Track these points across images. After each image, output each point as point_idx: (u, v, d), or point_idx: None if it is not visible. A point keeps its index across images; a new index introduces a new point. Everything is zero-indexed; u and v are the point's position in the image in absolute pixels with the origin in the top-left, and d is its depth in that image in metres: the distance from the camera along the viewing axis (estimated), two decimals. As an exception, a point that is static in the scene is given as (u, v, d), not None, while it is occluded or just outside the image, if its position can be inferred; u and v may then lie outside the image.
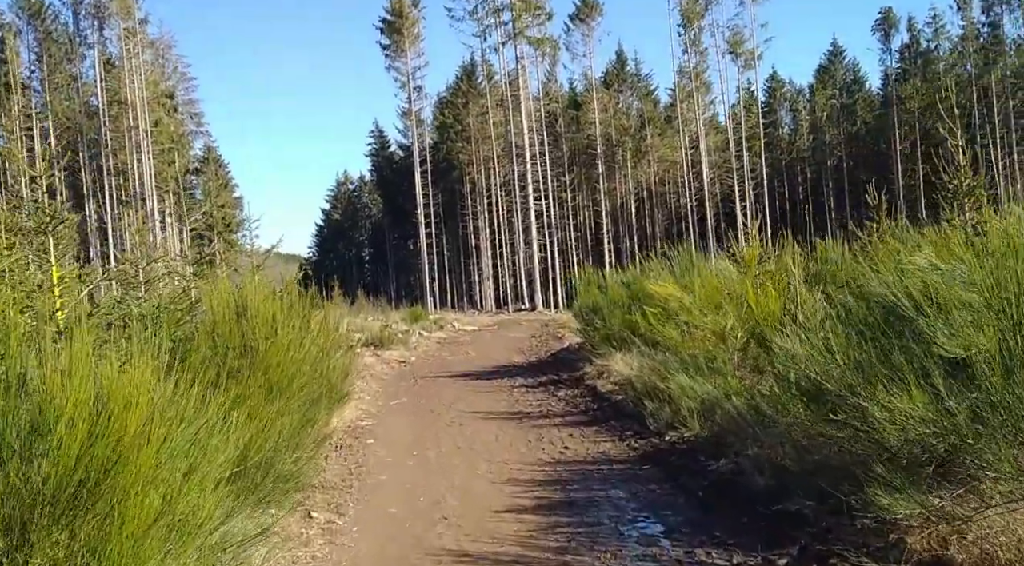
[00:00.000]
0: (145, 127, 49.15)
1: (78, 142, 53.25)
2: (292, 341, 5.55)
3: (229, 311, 5.33)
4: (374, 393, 10.81)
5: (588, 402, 8.93)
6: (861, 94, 67.52)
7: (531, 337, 21.36)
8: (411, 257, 70.05)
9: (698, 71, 55.01)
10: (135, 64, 48.46)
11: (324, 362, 6.04)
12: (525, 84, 51.00)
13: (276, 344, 5.23)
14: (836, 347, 4.11)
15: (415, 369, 13.78)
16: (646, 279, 11.47)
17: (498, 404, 9.41)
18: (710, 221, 54.57)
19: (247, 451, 3.89)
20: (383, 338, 15.86)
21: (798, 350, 4.80)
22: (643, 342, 9.61)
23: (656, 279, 11.47)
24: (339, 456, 6.68)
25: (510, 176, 53.82)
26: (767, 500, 4.61)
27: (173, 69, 59.26)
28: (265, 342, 5.21)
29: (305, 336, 6.01)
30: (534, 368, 13.13)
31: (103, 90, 50.14)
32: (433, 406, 9.50)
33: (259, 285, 5.92)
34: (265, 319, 5.48)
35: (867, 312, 4.18)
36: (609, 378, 9.70)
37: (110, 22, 48.84)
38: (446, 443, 7.07)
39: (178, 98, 59.42)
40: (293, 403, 4.99)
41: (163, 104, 52.80)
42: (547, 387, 10.56)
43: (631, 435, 6.88)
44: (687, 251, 12.01)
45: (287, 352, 5.23)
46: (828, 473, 4.48)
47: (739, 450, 5.56)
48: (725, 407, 6.38)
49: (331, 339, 7.22)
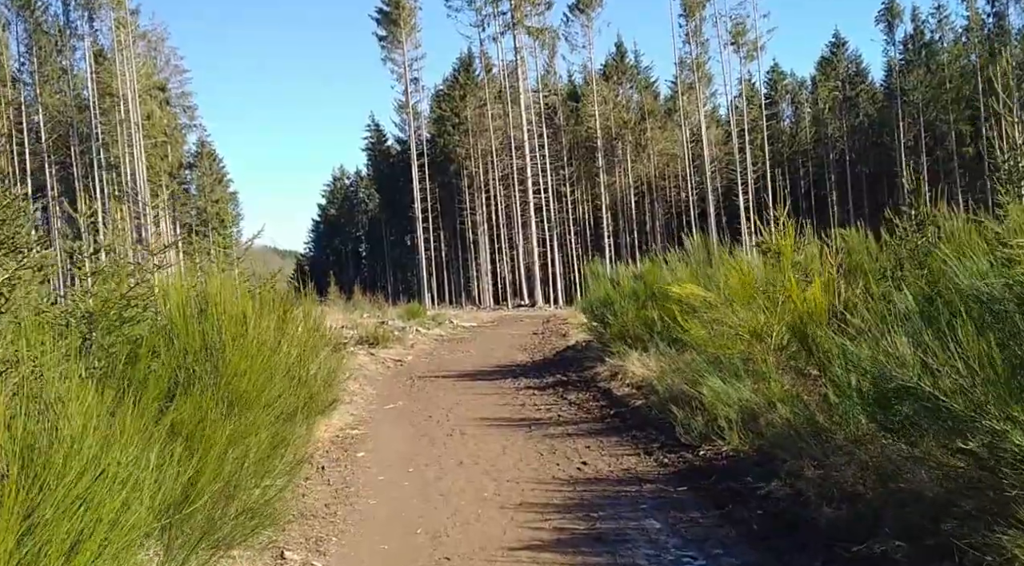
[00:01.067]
0: (136, 120, 48.18)
1: (69, 136, 52.31)
2: (264, 344, 4.69)
3: (189, 308, 4.46)
4: (367, 396, 9.95)
5: (603, 407, 8.07)
6: (864, 86, 66.72)
7: (533, 334, 20.51)
8: (408, 253, 69.20)
9: (699, 62, 54.13)
10: (126, 56, 47.47)
11: (303, 368, 5.18)
12: (524, 75, 50.11)
13: (243, 348, 4.37)
14: (937, 350, 3.26)
15: (412, 369, 12.93)
16: (660, 271, 10.64)
17: (503, 409, 8.56)
18: (711, 215, 53.73)
19: (192, 486, 3.04)
20: (378, 336, 15.00)
21: (869, 352, 3.97)
22: (661, 340, 8.77)
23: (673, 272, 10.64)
24: (323, 475, 5.81)
25: (508, 170, 52.94)
26: (842, 536, 3.76)
27: (166, 62, 58.29)
28: (230, 345, 4.35)
29: (282, 338, 5.15)
30: (540, 368, 12.28)
31: (93, 81, 49.15)
32: (432, 411, 8.64)
33: (230, 279, 5.06)
34: (233, 318, 4.61)
35: (980, 309, 3.32)
36: (624, 380, 8.85)
37: (100, 13, 47.85)
38: (447, 457, 6.21)
39: (171, 91, 58.42)
40: (263, 419, 4.13)
41: (155, 97, 51.83)
42: (556, 389, 9.71)
43: (658, 448, 6.02)
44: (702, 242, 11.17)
45: (256, 357, 4.37)
46: (921, 504, 3.64)
47: (793, 470, 4.72)
48: (770, 417, 5.54)
49: (313, 340, 6.35)
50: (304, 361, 5.28)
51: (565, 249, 58.04)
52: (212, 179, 69.87)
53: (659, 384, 7.41)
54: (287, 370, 5.00)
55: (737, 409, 5.69)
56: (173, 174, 57.20)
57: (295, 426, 4.73)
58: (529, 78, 51.83)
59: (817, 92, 65.14)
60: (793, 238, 7.41)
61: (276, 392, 4.42)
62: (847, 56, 66.15)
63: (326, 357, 6.80)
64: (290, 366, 5.21)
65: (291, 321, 5.85)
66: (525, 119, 49.15)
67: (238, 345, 4.43)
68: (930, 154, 58.58)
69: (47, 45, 51.76)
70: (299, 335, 5.88)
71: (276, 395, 4.42)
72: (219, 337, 4.34)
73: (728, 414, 5.65)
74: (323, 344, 6.98)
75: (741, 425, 5.60)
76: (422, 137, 57.33)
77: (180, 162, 60.54)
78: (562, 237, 57.12)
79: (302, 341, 5.91)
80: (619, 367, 9.13)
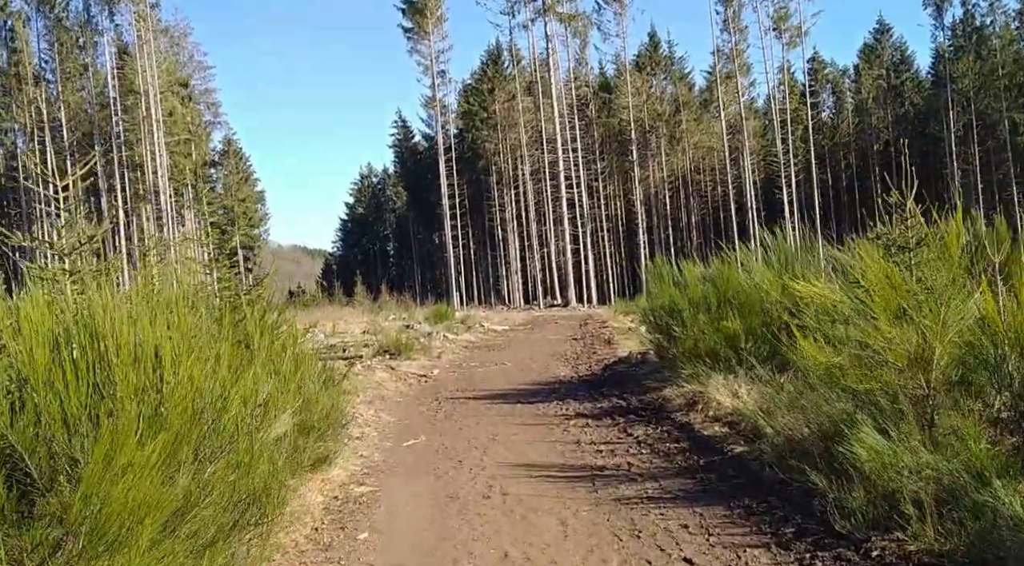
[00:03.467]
0: (158, 116, 46.98)
1: (92, 134, 51.39)
2: (195, 397, 2.88)
3: (52, 348, 2.66)
4: (383, 427, 8.14)
5: (687, 453, 6.16)
6: (909, 74, 63.93)
7: (572, 339, 18.62)
8: (436, 251, 67.54)
9: (738, 50, 51.71)
10: (147, 51, 46.28)
11: (261, 435, 3.35)
12: (555, 65, 48.13)
13: (148, 414, 2.55)
14: None
15: (438, 387, 11.11)
16: (735, 273, 8.72)
17: (553, 449, 6.70)
18: (750, 211, 51.33)
19: None
20: (400, 345, 13.19)
21: None
22: (758, 360, 6.86)
23: (750, 274, 8.73)
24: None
25: (538, 165, 50.98)
26: None
27: (189, 57, 57.27)
28: (124, 410, 2.54)
29: (233, 386, 3.32)
30: (588, 385, 10.40)
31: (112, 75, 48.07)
32: (461, 451, 6.81)
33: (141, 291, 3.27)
34: (141, 358, 2.81)
35: None
36: (707, 411, 6.94)
37: (120, 6, 46.69)
38: (483, 546, 4.34)
39: (194, 87, 57.31)
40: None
41: (177, 93, 50.62)
42: (614, 419, 7.82)
43: (795, 536, 4.07)
44: (783, 237, 9.25)
45: (172, 429, 2.54)
46: None
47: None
48: (980, 499, 3.61)
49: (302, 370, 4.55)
50: (267, 421, 3.44)
51: (598, 246, 56.01)
52: (238, 177, 68.87)
53: (767, 425, 5.49)
54: (235, 434, 3.17)
55: (926, 484, 3.77)
56: (197, 172, 56.05)
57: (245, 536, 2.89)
58: (560, 69, 49.85)
59: (860, 81, 62.47)
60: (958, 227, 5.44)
61: (204, 494, 2.58)
62: (892, 43, 63.37)
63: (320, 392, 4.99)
64: (249, 424, 3.39)
65: (262, 347, 4.04)
66: (557, 111, 47.21)
67: (140, 407, 2.61)
68: (981, 144, 55.72)
69: (68, 41, 50.81)
70: (276, 364, 4.07)
71: (202, 497, 2.59)
72: (99, 397, 2.52)
73: (915, 491, 3.73)
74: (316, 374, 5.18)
75: (935, 509, 3.69)
76: (449, 132, 55.60)
77: (205, 160, 59.40)
78: (594, 234, 55.05)
79: (282, 373, 4.10)
80: (697, 394, 7.22)
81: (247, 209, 70.24)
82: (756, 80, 71.01)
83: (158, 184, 47.30)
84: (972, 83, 55.20)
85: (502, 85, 56.62)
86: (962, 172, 56.27)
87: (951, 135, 55.43)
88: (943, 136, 56.54)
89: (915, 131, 62.15)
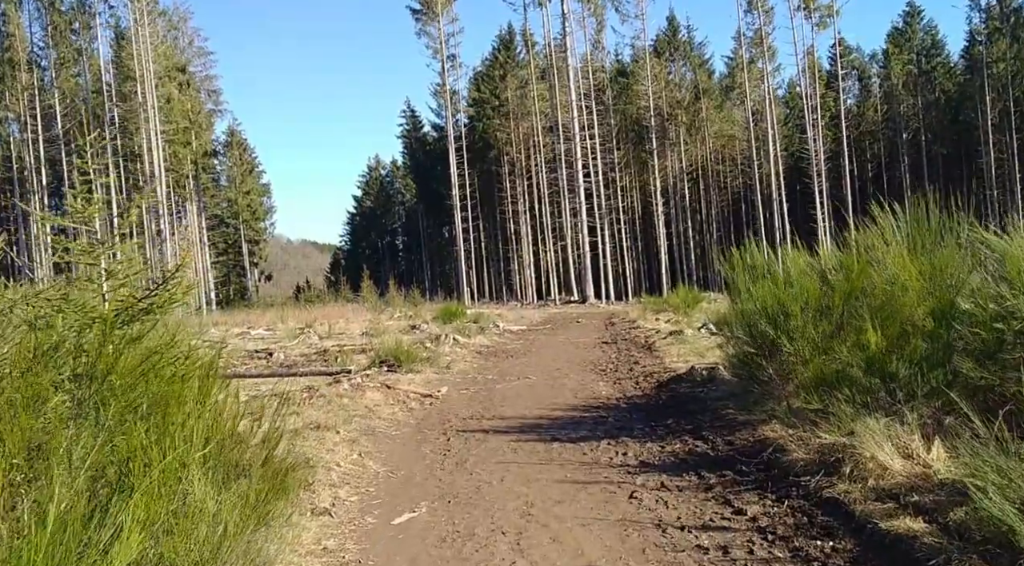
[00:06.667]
0: (153, 102, 44.68)
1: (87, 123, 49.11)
2: None
3: None
4: (366, 484, 5.71)
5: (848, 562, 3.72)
6: (940, 59, 61.02)
7: (602, 343, 16.16)
8: (446, 245, 65.13)
9: (764, 33, 48.95)
10: (142, 34, 43.95)
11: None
12: (571, 46, 45.56)
13: None
14: None
15: (447, 412, 8.66)
16: (867, 267, 6.25)
17: (623, 542, 4.25)
18: (776, 202, 48.63)
19: None
20: (401, 355, 10.75)
21: None
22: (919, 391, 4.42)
23: (881, 266, 6.28)
24: None
25: (552, 154, 48.45)
26: None
27: (188, 42, 54.86)
28: None
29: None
30: (643, 413, 7.94)
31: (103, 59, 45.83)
32: (481, 544, 4.38)
33: None
34: None
35: None
36: (863, 478, 4.47)
37: (113, -13, 44.37)
38: None
39: (194, 74, 54.95)
40: None
41: (174, 78, 48.21)
42: (700, 475, 5.36)
43: None
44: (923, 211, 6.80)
45: None
46: None
47: None
48: None
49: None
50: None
51: (615, 240, 53.42)
52: (242, 169, 66.58)
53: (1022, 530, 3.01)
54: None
55: None
56: (198, 162, 53.77)
57: None
58: (576, 53, 47.26)
59: (889, 66, 59.50)
60: None
61: None
62: (922, 26, 60.42)
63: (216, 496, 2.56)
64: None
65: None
66: (574, 95, 44.63)
67: None
68: (1019, 132, 52.78)
69: (62, 24, 48.60)
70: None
71: None
72: None
73: None
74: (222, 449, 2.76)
75: None
76: (460, 121, 53.13)
77: (206, 150, 57.08)
78: (611, 227, 52.46)
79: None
80: (845, 450, 4.73)
81: (251, 202, 67.98)
82: (781, 65, 68.10)
83: (155, 173, 45.01)
84: (1009, 68, 52.36)
85: (514, 71, 54.13)
86: (997, 161, 53.44)
87: (987, 122, 52.57)
88: (977, 123, 53.71)
89: (947, 118, 59.26)
